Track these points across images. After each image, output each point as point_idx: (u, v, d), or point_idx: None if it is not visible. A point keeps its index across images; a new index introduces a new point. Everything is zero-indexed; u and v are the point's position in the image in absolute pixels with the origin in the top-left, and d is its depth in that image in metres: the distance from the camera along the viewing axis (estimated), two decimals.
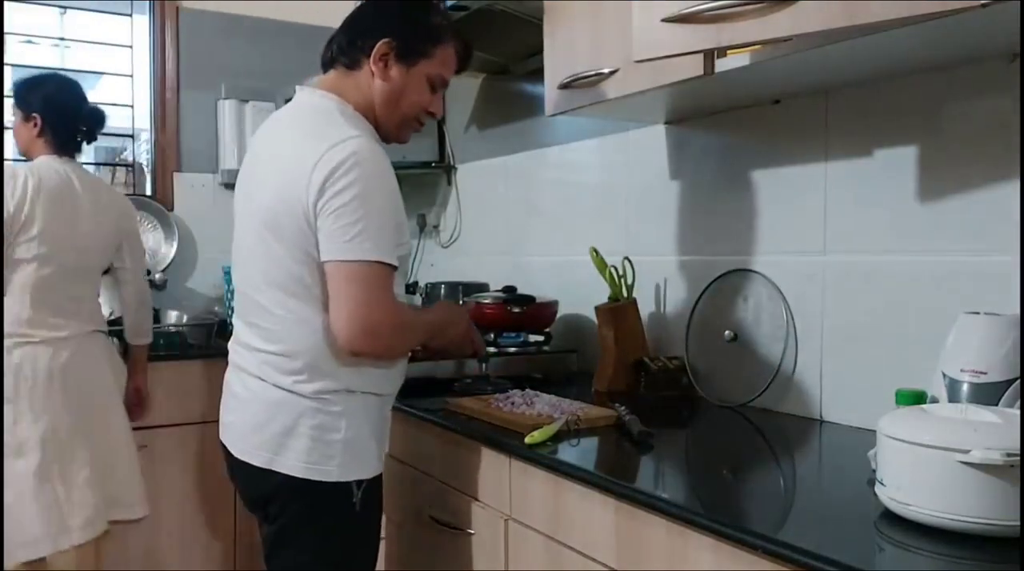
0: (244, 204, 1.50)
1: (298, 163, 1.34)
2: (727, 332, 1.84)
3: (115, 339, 2.76)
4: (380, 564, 1.89)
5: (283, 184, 1.37)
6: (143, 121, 3.31)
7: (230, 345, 1.55)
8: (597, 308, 2.03)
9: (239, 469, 1.47)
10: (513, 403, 1.65)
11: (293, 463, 1.39)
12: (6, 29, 2.88)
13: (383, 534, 1.55)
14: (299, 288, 1.38)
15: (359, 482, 1.43)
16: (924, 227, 1.49)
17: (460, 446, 1.65)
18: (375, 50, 1.46)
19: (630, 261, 2.03)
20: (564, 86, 1.80)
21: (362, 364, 1.41)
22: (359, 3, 1.56)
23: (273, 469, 1.40)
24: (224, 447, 1.52)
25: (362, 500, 1.43)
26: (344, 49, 1.50)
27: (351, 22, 1.52)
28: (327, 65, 1.53)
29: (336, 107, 1.44)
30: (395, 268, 1.37)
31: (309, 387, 1.39)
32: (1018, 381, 1.23)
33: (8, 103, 2.39)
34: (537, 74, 2.01)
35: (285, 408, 1.40)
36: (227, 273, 3.00)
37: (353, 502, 1.42)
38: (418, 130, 1.57)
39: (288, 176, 1.36)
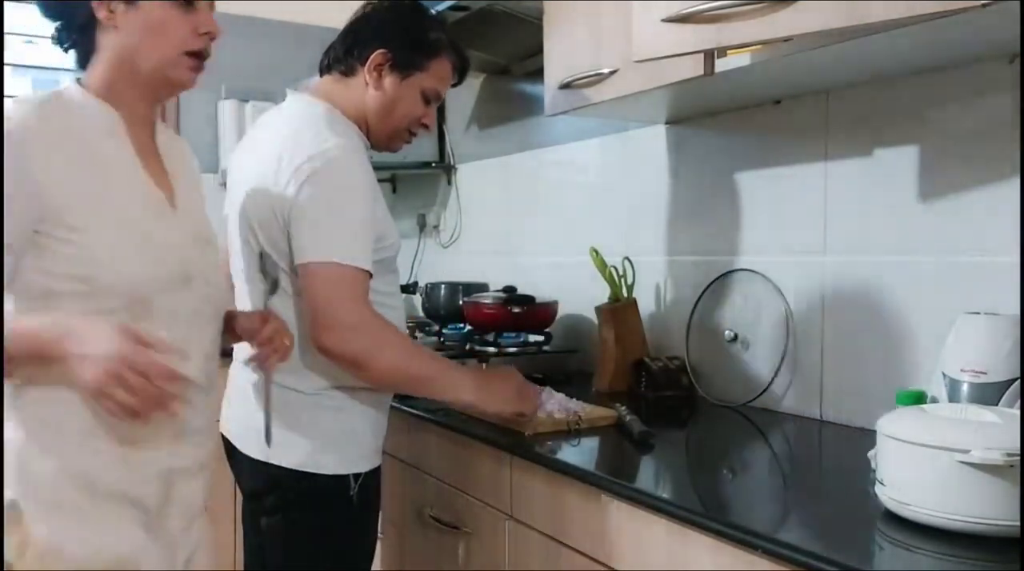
0: (230, 206, 1.53)
1: (278, 167, 1.37)
2: (727, 332, 1.84)
3: None
4: (381, 564, 1.90)
5: (262, 188, 1.40)
6: None
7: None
8: (597, 308, 2.03)
9: (239, 461, 1.51)
10: None
11: (291, 456, 1.42)
12: (6, 29, 2.88)
13: (381, 533, 1.55)
14: (279, 289, 1.40)
15: (356, 475, 1.45)
16: (924, 227, 1.49)
17: (460, 446, 1.65)
18: (370, 59, 1.48)
19: (630, 261, 2.03)
20: (564, 86, 1.80)
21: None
22: (360, 9, 1.57)
23: (272, 462, 1.43)
24: (225, 439, 1.55)
25: (359, 493, 1.45)
26: (340, 57, 1.52)
27: (349, 30, 1.54)
28: (324, 71, 1.55)
29: (323, 114, 1.46)
30: (366, 272, 1.37)
31: (306, 384, 1.43)
32: (1018, 381, 1.23)
33: (8, 101, 2.36)
34: (537, 74, 2.01)
35: (284, 404, 1.42)
36: None
37: (350, 495, 1.44)
38: (408, 141, 1.58)
39: (268, 180, 1.39)
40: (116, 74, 1.16)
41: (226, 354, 1.40)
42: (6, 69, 2.83)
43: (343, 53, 1.51)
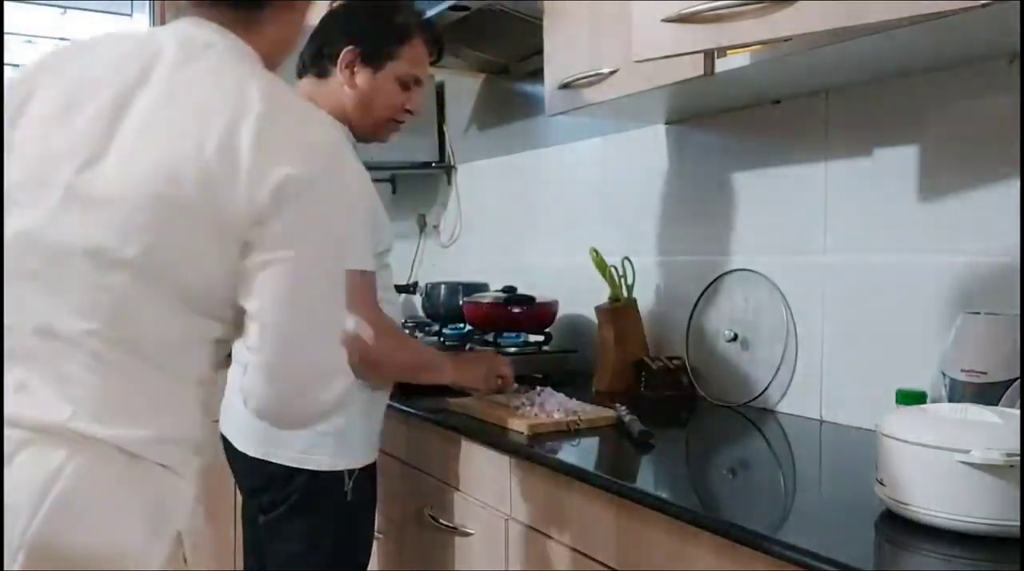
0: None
1: None
2: (727, 332, 1.84)
3: None
4: (380, 564, 1.90)
5: None
6: None
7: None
8: (597, 308, 2.03)
9: (238, 460, 1.52)
10: (523, 403, 1.64)
11: (287, 454, 1.44)
12: (6, 29, 2.88)
13: (380, 533, 1.56)
14: None
15: (350, 471, 1.47)
16: (924, 227, 1.49)
17: (460, 446, 1.65)
18: (340, 58, 1.49)
19: (630, 261, 2.03)
20: (564, 86, 1.80)
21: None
22: (328, 7, 1.58)
23: (268, 459, 1.45)
24: (224, 439, 1.57)
25: (353, 489, 1.47)
26: (312, 59, 1.53)
27: (318, 31, 1.54)
28: (300, 74, 1.56)
29: None
30: (372, 273, 1.40)
31: None
32: (1018, 381, 1.23)
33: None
34: (537, 74, 2.01)
35: None
36: None
37: (345, 491, 1.46)
38: (396, 129, 1.59)
39: None
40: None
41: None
42: (6, 69, 2.82)
43: (314, 55, 1.52)
